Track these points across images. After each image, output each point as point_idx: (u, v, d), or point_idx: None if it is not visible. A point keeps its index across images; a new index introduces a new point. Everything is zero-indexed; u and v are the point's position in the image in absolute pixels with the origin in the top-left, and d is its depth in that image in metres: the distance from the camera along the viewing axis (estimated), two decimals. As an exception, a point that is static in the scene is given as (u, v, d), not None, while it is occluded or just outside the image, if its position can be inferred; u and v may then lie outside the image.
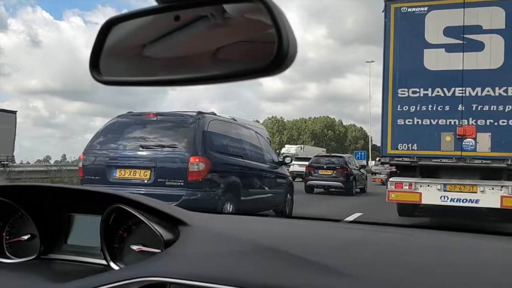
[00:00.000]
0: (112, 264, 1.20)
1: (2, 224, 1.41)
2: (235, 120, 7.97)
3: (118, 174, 5.78)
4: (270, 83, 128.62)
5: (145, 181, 5.65)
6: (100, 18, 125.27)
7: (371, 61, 49.89)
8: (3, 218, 1.40)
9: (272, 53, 0.60)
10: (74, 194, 1.39)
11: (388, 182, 7.41)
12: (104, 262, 1.22)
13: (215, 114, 6.68)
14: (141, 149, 5.85)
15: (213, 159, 5.79)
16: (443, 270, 0.88)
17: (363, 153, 37.70)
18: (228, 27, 0.64)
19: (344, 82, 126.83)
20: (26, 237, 1.36)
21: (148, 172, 5.66)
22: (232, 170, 6.29)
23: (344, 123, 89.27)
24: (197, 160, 5.57)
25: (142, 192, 5.25)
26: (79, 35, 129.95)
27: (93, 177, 5.86)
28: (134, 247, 1.19)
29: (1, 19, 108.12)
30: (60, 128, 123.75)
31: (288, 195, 8.16)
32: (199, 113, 6.15)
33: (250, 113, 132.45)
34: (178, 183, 5.54)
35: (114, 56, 0.74)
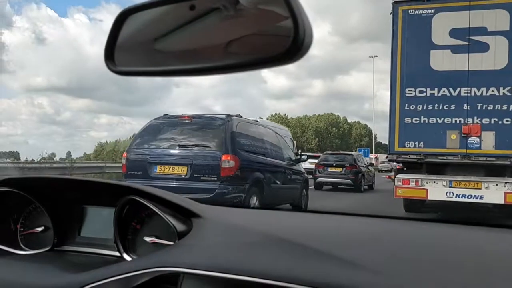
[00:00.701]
0: (125, 256, 1.21)
1: (17, 216, 1.41)
2: (257, 121, 8.68)
3: (159, 170, 6.51)
4: (275, 81, 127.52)
5: (183, 176, 6.37)
6: (105, 15, 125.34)
7: (374, 56, 50.36)
8: (18, 210, 1.41)
9: (286, 43, 0.60)
10: (88, 186, 1.39)
11: (396, 178, 7.67)
12: (117, 253, 1.23)
13: (241, 117, 7.30)
14: (178, 148, 6.58)
15: (241, 157, 6.48)
16: (458, 260, 0.89)
17: (366, 150, 35.78)
18: (241, 18, 0.64)
19: (349, 79, 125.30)
20: (40, 229, 1.37)
21: (185, 168, 6.38)
22: (257, 167, 6.96)
23: (349, 121, 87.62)
24: (228, 158, 6.27)
25: (180, 186, 6.16)
26: (83, 32, 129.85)
27: (135, 173, 6.61)
28: (147, 239, 1.20)
29: (6, 17, 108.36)
30: (65, 126, 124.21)
31: (304, 190, 8.83)
32: (228, 116, 6.90)
33: (254, 110, 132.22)
34: (212, 178, 6.25)
35: (129, 47, 0.74)
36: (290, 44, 0.59)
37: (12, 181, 1.35)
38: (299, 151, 19.29)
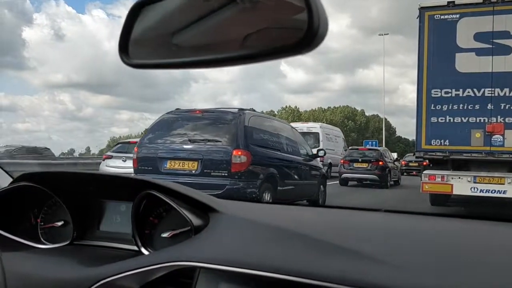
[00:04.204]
0: (143, 250, 1.21)
1: (37, 211, 1.42)
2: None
3: (169, 165, 6.40)
4: (294, 75, 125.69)
5: (193, 172, 6.26)
6: (122, 11, 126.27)
7: (385, 34, 46.18)
8: (38, 205, 1.42)
9: (301, 33, 0.59)
10: (106, 180, 1.41)
11: (422, 174, 8.11)
12: (135, 248, 1.23)
13: (254, 111, 7.33)
14: (189, 143, 6.47)
15: (253, 152, 6.36)
16: (480, 258, 0.87)
17: (374, 142, 32.06)
18: (257, 11, 0.63)
19: (370, 73, 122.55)
20: (59, 223, 1.38)
21: (196, 164, 6.27)
22: (271, 162, 6.84)
23: (367, 114, 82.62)
24: (239, 153, 6.15)
25: (191, 181, 5.91)
26: (101, 28, 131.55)
27: (146, 168, 6.52)
28: (165, 235, 1.20)
29: (26, 13, 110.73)
30: (86, 122, 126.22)
31: (321, 186, 8.66)
32: (240, 109, 6.78)
33: (273, 105, 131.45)
34: (223, 174, 6.13)
35: (143, 39, 0.73)
36: (304, 33, 0.59)
37: (31, 175, 1.37)
38: (349, 147, 19.33)
